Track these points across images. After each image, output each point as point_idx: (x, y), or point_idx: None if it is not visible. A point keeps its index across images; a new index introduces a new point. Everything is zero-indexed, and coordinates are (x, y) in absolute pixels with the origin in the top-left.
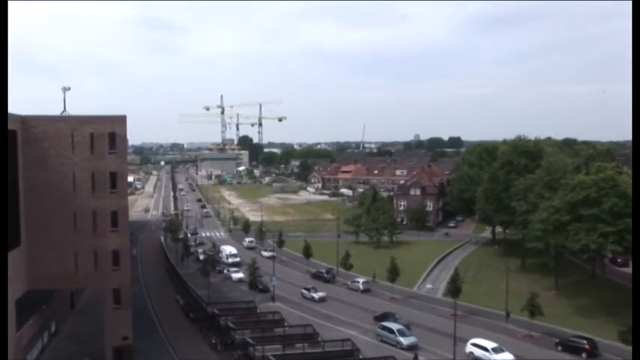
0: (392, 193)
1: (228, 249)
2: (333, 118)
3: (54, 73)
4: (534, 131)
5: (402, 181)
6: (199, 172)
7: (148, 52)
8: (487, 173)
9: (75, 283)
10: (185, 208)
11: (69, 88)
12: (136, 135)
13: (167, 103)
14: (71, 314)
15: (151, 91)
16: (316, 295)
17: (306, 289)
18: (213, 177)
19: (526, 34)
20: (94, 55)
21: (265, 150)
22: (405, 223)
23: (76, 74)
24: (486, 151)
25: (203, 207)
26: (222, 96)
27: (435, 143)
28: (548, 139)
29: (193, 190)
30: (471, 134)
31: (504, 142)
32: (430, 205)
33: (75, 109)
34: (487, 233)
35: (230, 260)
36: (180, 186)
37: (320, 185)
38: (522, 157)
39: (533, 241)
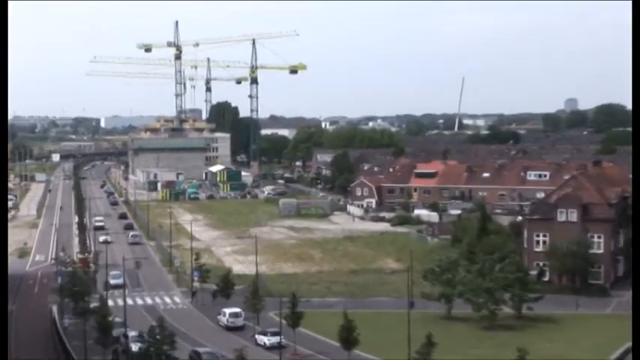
0: (520, 219)
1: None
2: (398, 75)
3: None
4: None
5: (540, 194)
6: (131, 176)
7: None
8: None
9: None
10: (102, 240)
11: None
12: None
13: (69, 40)
14: None
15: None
16: None
17: None
18: (159, 186)
19: None
20: None
21: (265, 132)
22: (546, 279)
23: None
24: None
25: (136, 242)
26: (176, 23)
27: (608, 115)
28: None
29: (123, 218)
30: None
31: None
32: (600, 244)
33: None
34: None
35: None
36: (96, 205)
37: (374, 202)
38: None
39: None
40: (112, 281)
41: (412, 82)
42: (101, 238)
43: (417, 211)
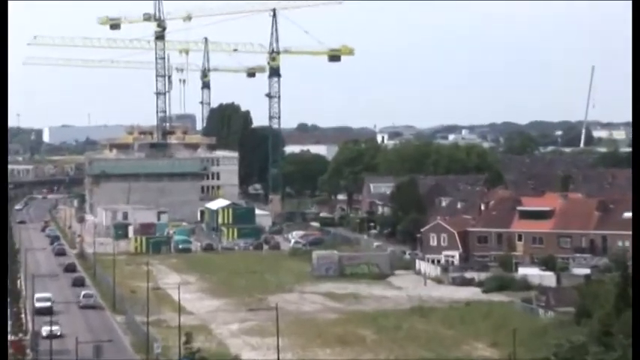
0: None
1: None
2: (492, 67)
3: None
4: None
5: None
6: (89, 216)
7: None
8: None
9: None
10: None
11: None
12: None
13: None
14: None
15: None
16: None
17: None
18: (131, 231)
19: None
20: None
21: (291, 149)
22: None
23: None
24: None
25: (90, 304)
26: None
27: None
28: None
29: (77, 285)
30: None
31: None
32: None
33: None
34: None
35: None
36: (35, 259)
37: (456, 255)
38: None
39: None
40: None
41: (513, 76)
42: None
43: (522, 270)
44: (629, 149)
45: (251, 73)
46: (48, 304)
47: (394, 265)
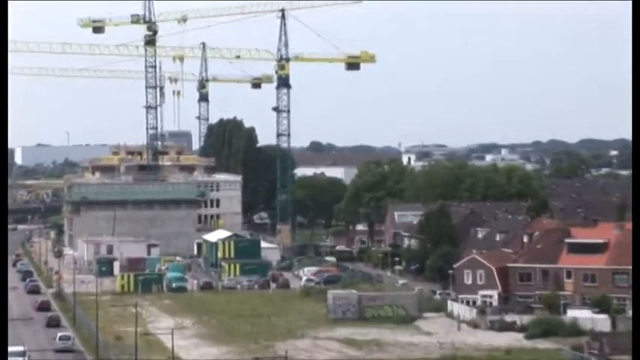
0: None
1: None
2: (535, 77)
3: None
4: None
5: None
6: (68, 250)
7: None
8: None
9: None
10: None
11: None
12: None
13: None
14: None
15: None
16: None
17: None
18: (117, 267)
19: None
20: None
21: (303, 172)
22: None
23: None
24: None
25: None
26: None
27: None
28: None
29: (54, 326)
30: None
31: None
32: None
33: None
34: None
35: None
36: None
37: (495, 295)
38: None
39: None
40: None
41: (560, 88)
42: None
43: (571, 313)
44: None
45: (256, 84)
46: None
47: (423, 307)
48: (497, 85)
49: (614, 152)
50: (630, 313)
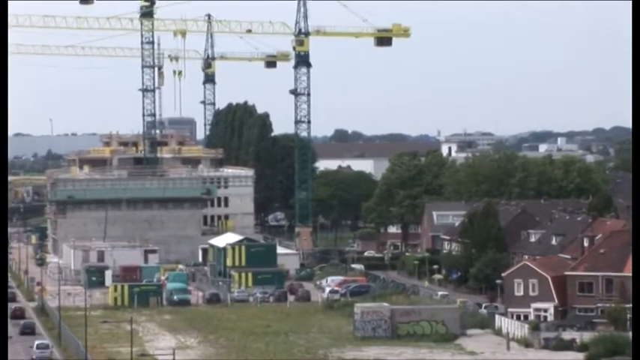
0: None
1: None
2: (597, 57)
3: None
4: None
5: None
6: (52, 257)
7: None
8: None
9: None
10: None
11: None
12: None
13: None
14: None
15: None
16: None
17: None
18: (109, 277)
19: None
20: None
21: (326, 164)
22: None
23: None
24: None
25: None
26: None
27: None
28: None
29: (29, 333)
30: None
31: None
32: None
33: None
34: None
35: None
36: None
37: (551, 308)
38: None
39: None
40: None
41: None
42: None
43: None
44: None
45: (270, 63)
46: None
47: (466, 323)
48: (552, 63)
49: None
50: None
